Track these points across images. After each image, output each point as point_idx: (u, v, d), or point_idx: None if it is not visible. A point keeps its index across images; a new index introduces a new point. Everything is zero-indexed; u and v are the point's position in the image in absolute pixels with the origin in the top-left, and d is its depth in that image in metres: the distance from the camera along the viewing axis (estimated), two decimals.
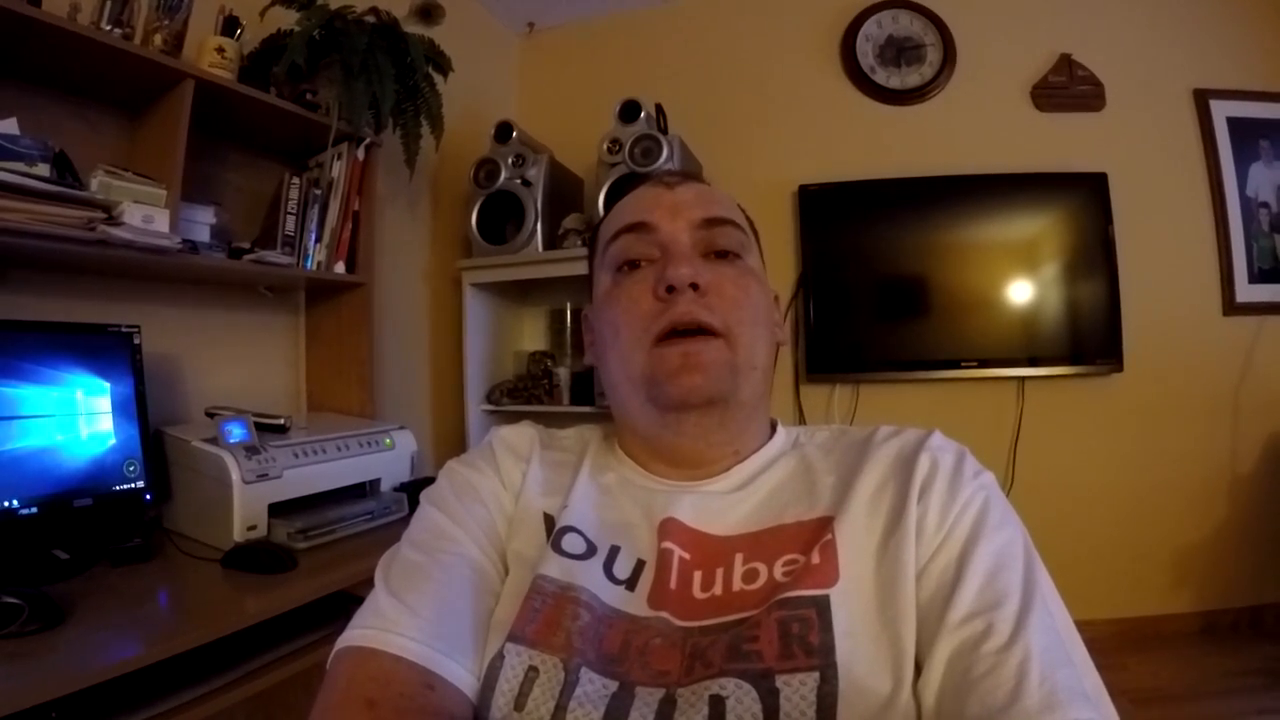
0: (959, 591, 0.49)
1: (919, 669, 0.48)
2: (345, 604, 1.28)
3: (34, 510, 1.18)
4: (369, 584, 0.58)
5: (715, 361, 0.60)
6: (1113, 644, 2.31)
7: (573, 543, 0.60)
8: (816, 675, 0.47)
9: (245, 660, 1.10)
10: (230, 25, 1.55)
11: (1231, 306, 2.47)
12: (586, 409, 2.40)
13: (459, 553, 0.59)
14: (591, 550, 0.60)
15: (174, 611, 1.14)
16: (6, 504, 1.14)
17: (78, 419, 1.27)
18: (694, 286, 0.61)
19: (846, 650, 0.48)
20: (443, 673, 0.50)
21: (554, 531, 0.61)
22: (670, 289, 0.61)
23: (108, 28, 1.31)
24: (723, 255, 0.66)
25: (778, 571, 0.55)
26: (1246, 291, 2.46)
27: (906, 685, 0.47)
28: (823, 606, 0.50)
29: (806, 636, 0.49)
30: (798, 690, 0.46)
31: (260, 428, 1.45)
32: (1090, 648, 0.51)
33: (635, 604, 0.57)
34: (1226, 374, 2.47)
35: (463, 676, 0.51)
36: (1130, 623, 2.40)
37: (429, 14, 1.89)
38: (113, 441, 1.31)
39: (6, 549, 1.14)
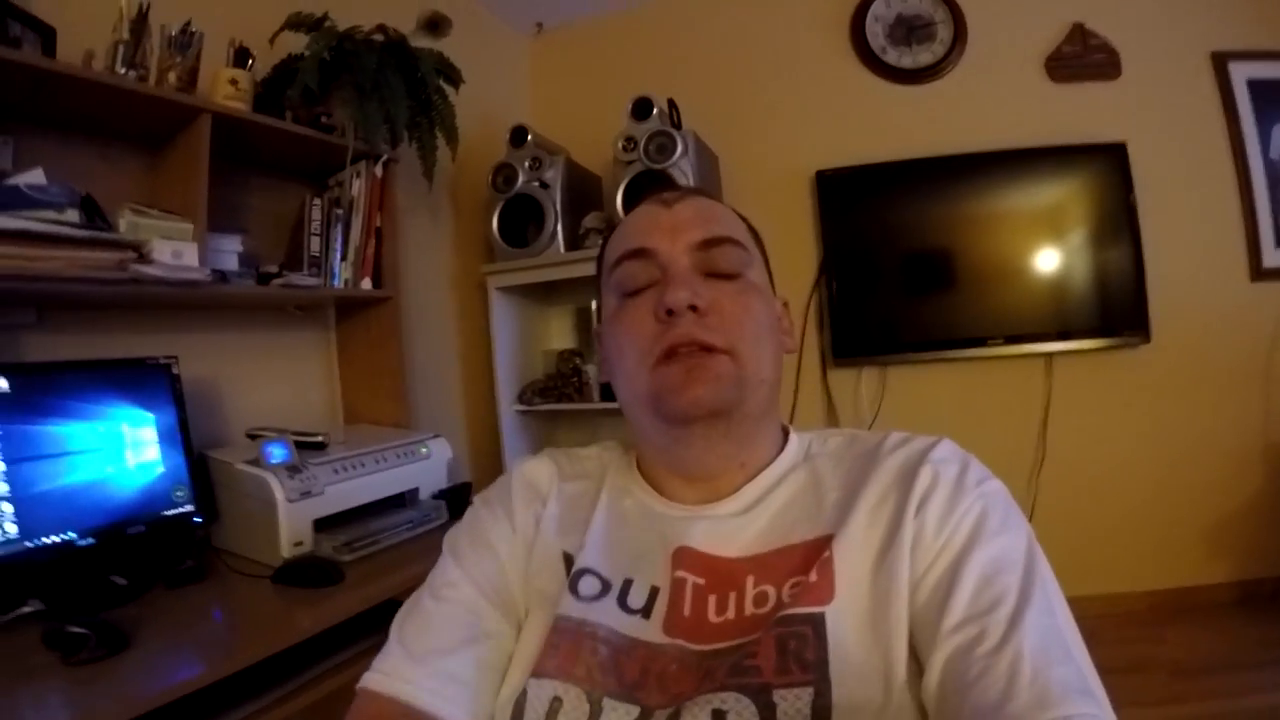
0: (952, 599, 0.50)
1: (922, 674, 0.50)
2: (393, 612, 1.32)
3: (91, 540, 1.23)
4: (414, 591, 0.65)
5: (720, 375, 0.60)
6: (1149, 616, 2.31)
7: (588, 585, 0.62)
8: (811, 690, 0.49)
9: (299, 672, 1.14)
10: (241, 57, 1.58)
11: (1258, 272, 2.43)
12: (616, 405, 2.41)
13: (461, 600, 0.63)
14: (606, 589, 0.62)
15: (231, 629, 1.19)
16: (65, 536, 1.20)
17: (125, 450, 1.32)
18: (693, 309, 0.61)
19: (840, 665, 0.50)
20: (443, 716, 0.56)
21: (572, 572, 0.63)
22: (670, 312, 0.61)
23: (122, 70, 1.34)
24: (723, 275, 0.66)
25: (785, 593, 0.57)
26: (1273, 256, 2.42)
27: (897, 692, 0.49)
28: (818, 623, 0.52)
29: (803, 653, 0.51)
30: (793, 704, 0.49)
31: (300, 446, 1.49)
32: (1126, 620, 0.52)
33: (651, 631, 0.59)
34: (1256, 340, 2.44)
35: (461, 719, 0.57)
36: (1167, 594, 2.38)
37: (436, 26, 1.89)
38: (160, 469, 1.36)
39: (68, 578, 1.19)
